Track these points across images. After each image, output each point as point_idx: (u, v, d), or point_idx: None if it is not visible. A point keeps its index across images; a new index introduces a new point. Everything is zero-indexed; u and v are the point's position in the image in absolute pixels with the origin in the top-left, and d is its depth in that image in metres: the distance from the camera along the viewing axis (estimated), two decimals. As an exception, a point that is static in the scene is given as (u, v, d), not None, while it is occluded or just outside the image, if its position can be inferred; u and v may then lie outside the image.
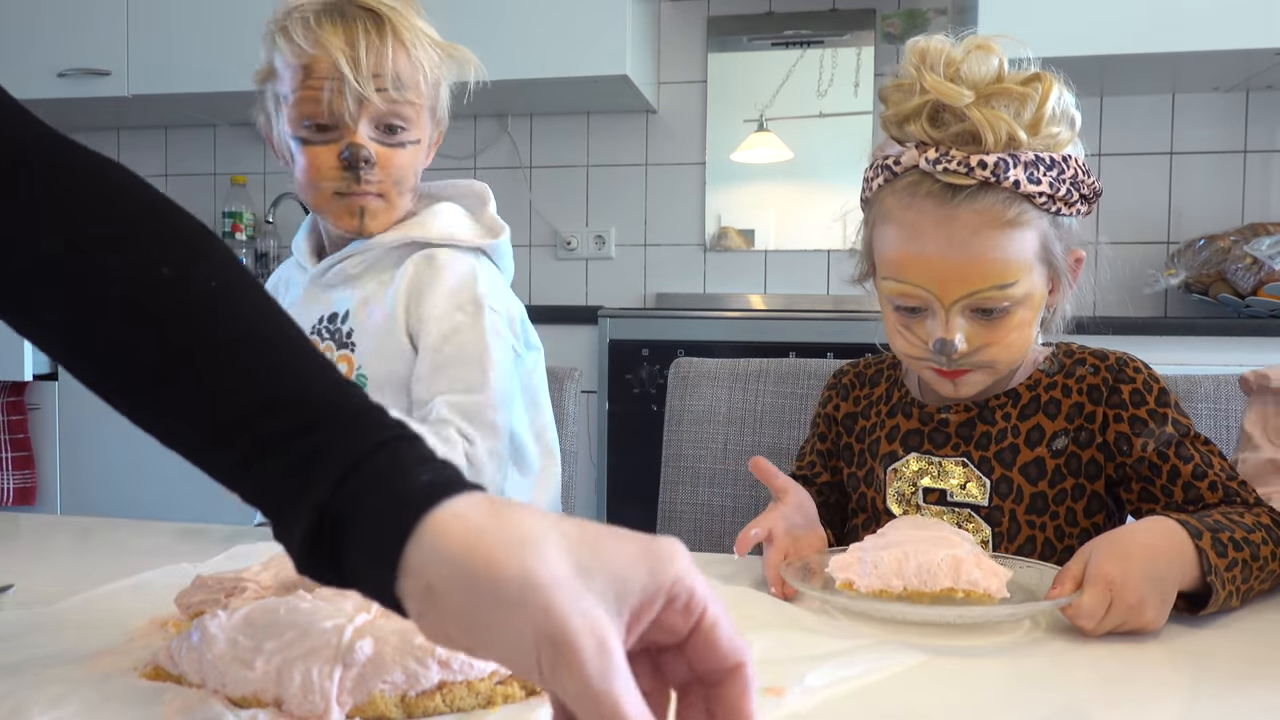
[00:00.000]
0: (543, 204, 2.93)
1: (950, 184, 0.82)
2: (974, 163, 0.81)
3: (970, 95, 0.81)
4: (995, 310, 0.85)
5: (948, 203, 0.82)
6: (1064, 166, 0.84)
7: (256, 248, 3.07)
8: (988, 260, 0.83)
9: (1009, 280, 0.84)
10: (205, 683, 0.52)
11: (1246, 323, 2.07)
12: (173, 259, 0.49)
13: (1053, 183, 0.83)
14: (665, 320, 2.28)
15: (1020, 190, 0.82)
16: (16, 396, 2.49)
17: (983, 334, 0.86)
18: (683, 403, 1.27)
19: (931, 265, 0.84)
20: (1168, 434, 0.86)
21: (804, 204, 2.80)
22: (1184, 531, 0.71)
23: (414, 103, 1.06)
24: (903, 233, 0.85)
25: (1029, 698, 0.57)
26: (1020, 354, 0.89)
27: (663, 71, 2.86)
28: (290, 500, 0.43)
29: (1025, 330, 0.87)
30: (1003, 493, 0.90)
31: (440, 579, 0.38)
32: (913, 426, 0.95)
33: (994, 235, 0.82)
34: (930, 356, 0.87)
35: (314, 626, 0.52)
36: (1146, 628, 0.67)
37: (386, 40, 1.02)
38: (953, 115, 0.82)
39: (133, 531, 0.98)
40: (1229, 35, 2.16)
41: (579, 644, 0.36)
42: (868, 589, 0.70)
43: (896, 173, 0.86)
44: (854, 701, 0.54)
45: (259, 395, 0.45)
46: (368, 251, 1.10)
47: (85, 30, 2.75)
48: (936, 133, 0.83)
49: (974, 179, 0.81)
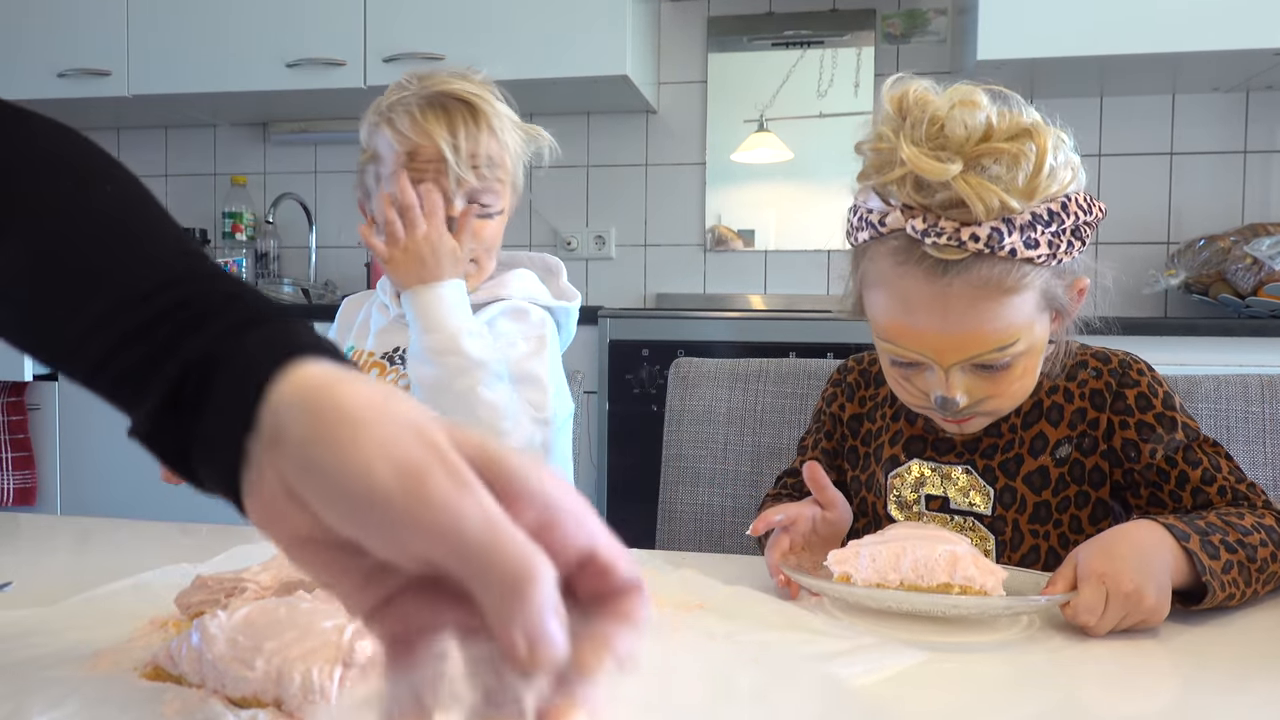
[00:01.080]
0: (543, 204, 2.93)
1: (941, 258, 0.76)
2: (965, 236, 0.75)
3: (956, 167, 0.74)
4: (997, 366, 0.82)
5: (940, 277, 0.77)
6: (1064, 216, 0.77)
7: (257, 248, 3.07)
8: (986, 331, 0.79)
9: (1009, 342, 0.80)
10: (205, 683, 0.52)
11: (1247, 323, 2.06)
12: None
13: (1052, 239, 0.77)
14: (665, 320, 2.28)
15: (1018, 257, 0.76)
16: (16, 397, 2.49)
17: (985, 387, 0.83)
18: (683, 403, 1.27)
19: (926, 338, 0.81)
20: (1176, 440, 0.85)
21: (804, 204, 2.80)
22: (1169, 535, 0.71)
23: (501, 180, 1.20)
24: (894, 303, 0.81)
25: (1029, 697, 0.57)
26: (1025, 396, 0.88)
27: (663, 72, 2.86)
28: (151, 363, 0.40)
29: (1029, 377, 0.85)
30: (1006, 502, 0.89)
31: (288, 418, 0.35)
32: (916, 432, 0.94)
33: (992, 306, 0.78)
34: (931, 409, 0.86)
35: (314, 626, 0.52)
36: (1150, 618, 0.67)
37: (481, 128, 1.16)
38: (938, 185, 0.75)
39: (133, 531, 0.98)
40: (1229, 35, 2.16)
41: (434, 469, 0.33)
42: (864, 582, 0.70)
43: (883, 233, 0.80)
44: (854, 702, 0.54)
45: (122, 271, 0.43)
46: None
47: (85, 30, 2.75)
48: (923, 199, 0.76)
49: (966, 252, 0.75)
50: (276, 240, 3.09)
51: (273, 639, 0.51)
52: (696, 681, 0.55)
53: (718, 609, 0.69)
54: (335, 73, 2.62)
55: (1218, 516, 0.76)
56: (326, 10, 2.62)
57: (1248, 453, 1.09)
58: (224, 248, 3.06)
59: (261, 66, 2.66)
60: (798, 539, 0.82)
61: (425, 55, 2.53)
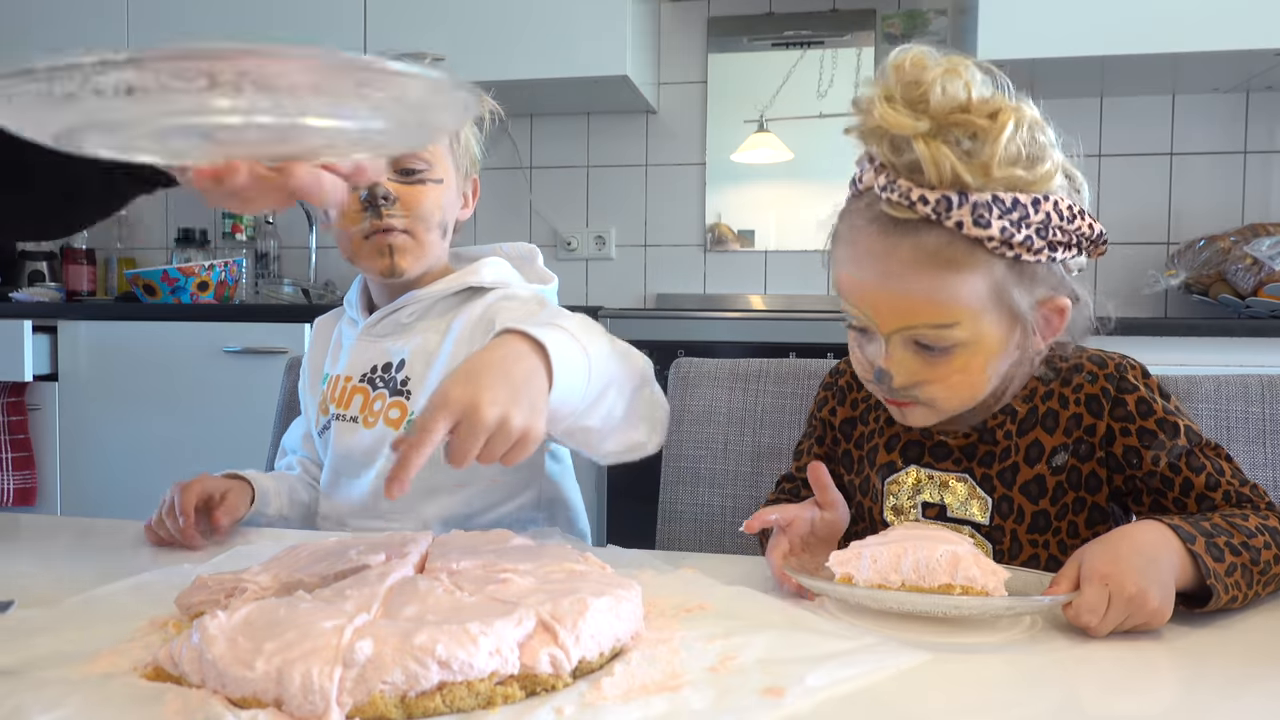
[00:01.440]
0: (543, 204, 2.93)
1: (893, 216, 0.77)
2: (915, 197, 0.76)
3: (924, 125, 0.75)
4: (936, 348, 0.80)
5: (890, 233, 0.78)
6: (1030, 210, 0.76)
7: (257, 248, 3.07)
8: (922, 298, 0.78)
9: (947, 321, 0.79)
10: (205, 683, 0.52)
11: (1247, 323, 2.06)
12: None
13: (1007, 227, 0.75)
14: (665, 321, 2.28)
15: (964, 232, 0.75)
16: (17, 397, 2.49)
17: (923, 370, 0.82)
18: (683, 403, 1.27)
19: (868, 294, 0.81)
20: (1179, 446, 0.84)
21: (804, 204, 2.80)
22: (1175, 536, 0.70)
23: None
24: (847, 256, 0.83)
25: (1030, 697, 0.57)
26: (968, 397, 0.84)
27: (663, 72, 2.86)
28: None
29: (972, 375, 0.82)
30: (1004, 512, 0.88)
31: None
32: (913, 438, 0.93)
33: (931, 274, 0.77)
34: (872, 383, 0.86)
35: (314, 627, 0.52)
36: (1153, 620, 0.66)
37: None
38: (906, 145, 0.76)
39: (133, 532, 0.98)
40: (1229, 36, 2.16)
41: None
42: (866, 583, 0.70)
43: (860, 191, 0.82)
44: (854, 702, 0.54)
45: None
46: (419, 302, 1.14)
47: (85, 31, 2.75)
48: (895, 157, 0.78)
49: (915, 214, 0.76)
50: (276, 240, 3.09)
51: (273, 639, 0.51)
52: (701, 682, 0.55)
53: (718, 609, 0.69)
54: (335, 73, 2.62)
55: (1222, 518, 0.76)
56: (326, 11, 2.62)
57: (1248, 453, 1.09)
58: (224, 248, 3.06)
59: (261, 67, 2.66)
60: (796, 540, 0.82)
61: (425, 56, 2.53)
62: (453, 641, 0.51)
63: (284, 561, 0.71)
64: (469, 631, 0.52)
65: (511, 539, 0.77)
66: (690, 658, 0.58)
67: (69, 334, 2.50)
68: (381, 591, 0.61)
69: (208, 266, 2.63)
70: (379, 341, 1.15)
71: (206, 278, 2.62)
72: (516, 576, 0.63)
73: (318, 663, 0.49)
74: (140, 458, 2.45)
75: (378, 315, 1.16)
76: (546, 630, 0.54)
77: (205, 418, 2.43)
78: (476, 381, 0.69)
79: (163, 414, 2.46)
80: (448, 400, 0.67)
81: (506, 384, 0.70)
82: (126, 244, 3.20)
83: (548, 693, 0.53)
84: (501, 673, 0.52)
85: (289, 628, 0.52)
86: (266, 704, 0.49)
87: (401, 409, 1.11)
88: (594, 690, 0.53)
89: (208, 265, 2.63)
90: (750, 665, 0.57)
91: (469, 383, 0.68)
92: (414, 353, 1.12)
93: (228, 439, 2.41)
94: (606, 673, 0.55)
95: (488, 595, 0.60)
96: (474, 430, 0.67)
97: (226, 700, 0.50)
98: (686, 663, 0.57)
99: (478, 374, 0.69)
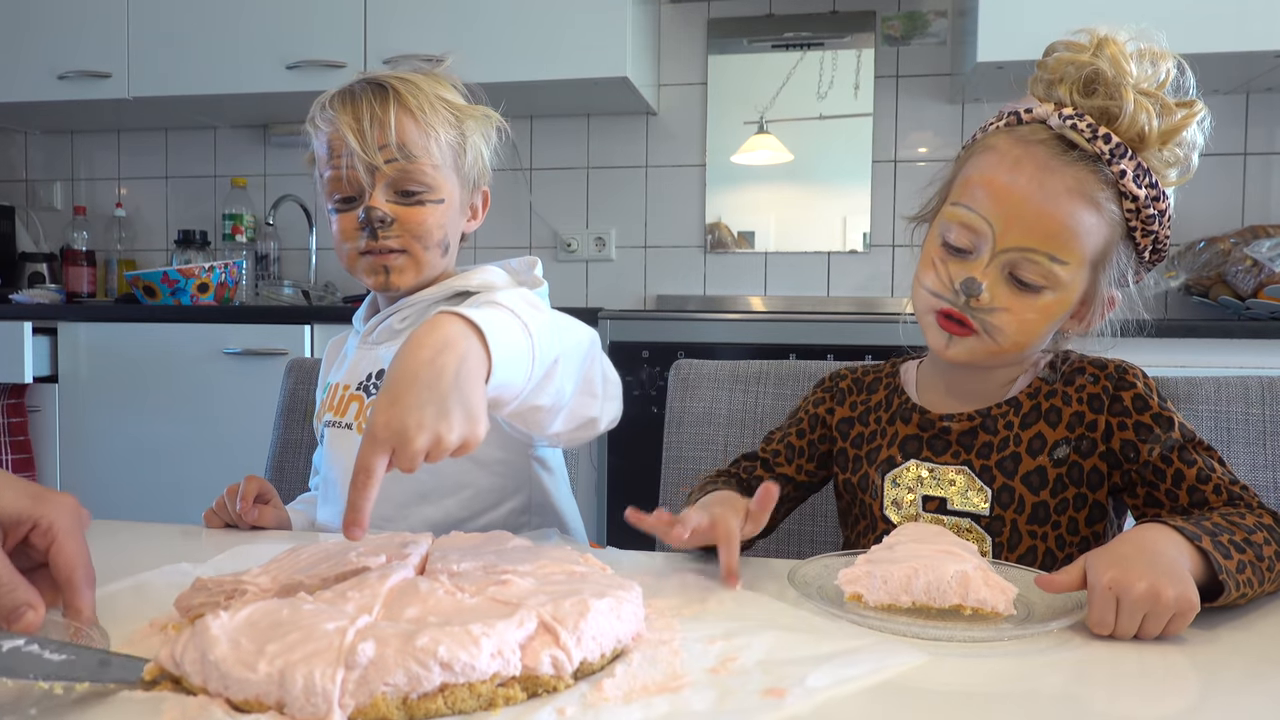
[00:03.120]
0: (543, 206, 2.93)
1: (1071, 142, 0.84)
2: (1102, 132, 0.83)
3: (1132, 79, 0.84)
4: (1031, 285, 0.85)
5: (1061, 156, 0.84)
6: (1161, 197, 0.85)
7: (257, 250, 3.07)
8: (1060, 223, 0.83)
9: (1063, 257, 0.84)
10: (207, 683, 0.51)
11: (1247, 325, 2.06)
12: None
13: (1147, 199, 0.84)
14: (665, 322, 2.28)
15: (1122, 183, 0.83)
16: (17, 399, 2.49)
17: (1007, 299, 0.85)
18: (683, 404, 1.27)
19: (1012, 199, 0.84)
20: (1172, 439, 0.86)
21: (804, 206, 2.80)
22: (1180, 536, 0.71)
23: (427, 165, 1.09)
24: (1004, 162, 0.86)
25: (1032, 697, 0.57)
26: (1026, 341, 0.88)
27: (663, 73, 2.86)
28: None
29: (1045, 317, 0.86)
30: (1004, 502, 0.90)
31: None
32: (911, 432, 0.95)
33: (1081, 206, 0.83)
34: (947, 296, 0.87)
35: (316, 628, 0.52)
36: (1180, 609, 0.64)
37: (389, 110, 1.07)
38: (1105, 91, 0.84)
39: (133, 532, 0.98)
40: (1229, 38, 2.16)
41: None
42: (876, 603, 0.70)
43: (1023, 120, 0.87)
44: (855, 703, 0.54)
45: None
46: (411, 307, 1.14)
47: (85, 32, 2.75)
48: (1084, 99, 0.85)
49: (1094, 148, 0.83)
50: (277, 242, 3.09)
51: (275, 641, 0.51)
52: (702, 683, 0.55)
53: (718, 610, 0.69)
54: (335, 74, 2.62)
55: (1221, 517, 0.76)
56: (326, 12, 2.62)
57: (1248, 454, 1.09)
58: (224, 249, 3.06)
59: (261, 68, 2.66)
60: (694, 538, 0.79)
61: (425, 57, 2.52)
62: (455, 643, 0.51)
63: (284, 563, 0.71)
64: (471, 633, 0.52)
65: (511, 540, 0.77)
66: (691, 659, 0.58)
67: (69, 336, 2.50)
68: (383, 592, 0.61)
69: (208, 268, 2.63)
70: (373, 349, 1.16)
71: (206, 279, 2.62)
72: (517, 578, 0.63)
73: (320, 665, 0.49)
74: (140, 459, 2.45)
75: (373, 323, 1.17)
76: (548, 631, 0.54)
77: (205, 419, 2.43)
78: (401, 402, 0.65)
79: (163, 415, 2.46)
80: (375, 434, 0.65)
81: (433, 397, 0.66)
82: (126, 246, 3.21)
83: (549, 694, 0.53)
84: (503, 674, 0.52)
85: (291, 629, 0.52)
86: (269, 706, 0.49)
87: None
88: (595, 691, 0.53)
89: (208, 267, 2.63)
90: (751, 666, 0.57)
91: (393, 405, 0.65)
92: None
93: (228, 441, 2.41)
94: (608, 674, 0.55)
95: (489, 597, 0.60)
96: (408, 458, 0.65)
97: (227, 704, 0.50)
98: (687, 664, 0.57)
99: (401, 392, 0.66)
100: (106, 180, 3.25)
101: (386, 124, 1.06)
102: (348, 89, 1.10)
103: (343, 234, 1.11)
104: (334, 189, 1.10)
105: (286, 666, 0.49)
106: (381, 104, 1.07)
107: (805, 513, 1.21)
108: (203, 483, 2.06)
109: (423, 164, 1.09)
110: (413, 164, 1.08)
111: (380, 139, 1.06)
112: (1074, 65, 0.86)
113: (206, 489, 1.09)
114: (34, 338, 2.44)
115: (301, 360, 1.47)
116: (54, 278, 3.12)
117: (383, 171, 1.07)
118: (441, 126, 1.10)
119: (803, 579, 0.75)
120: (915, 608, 0.70)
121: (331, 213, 1.13)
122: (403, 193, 1.09)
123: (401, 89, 1.09)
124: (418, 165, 1.09)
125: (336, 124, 1.07)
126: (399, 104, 1.08)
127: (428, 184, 1.10)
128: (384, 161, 1.07)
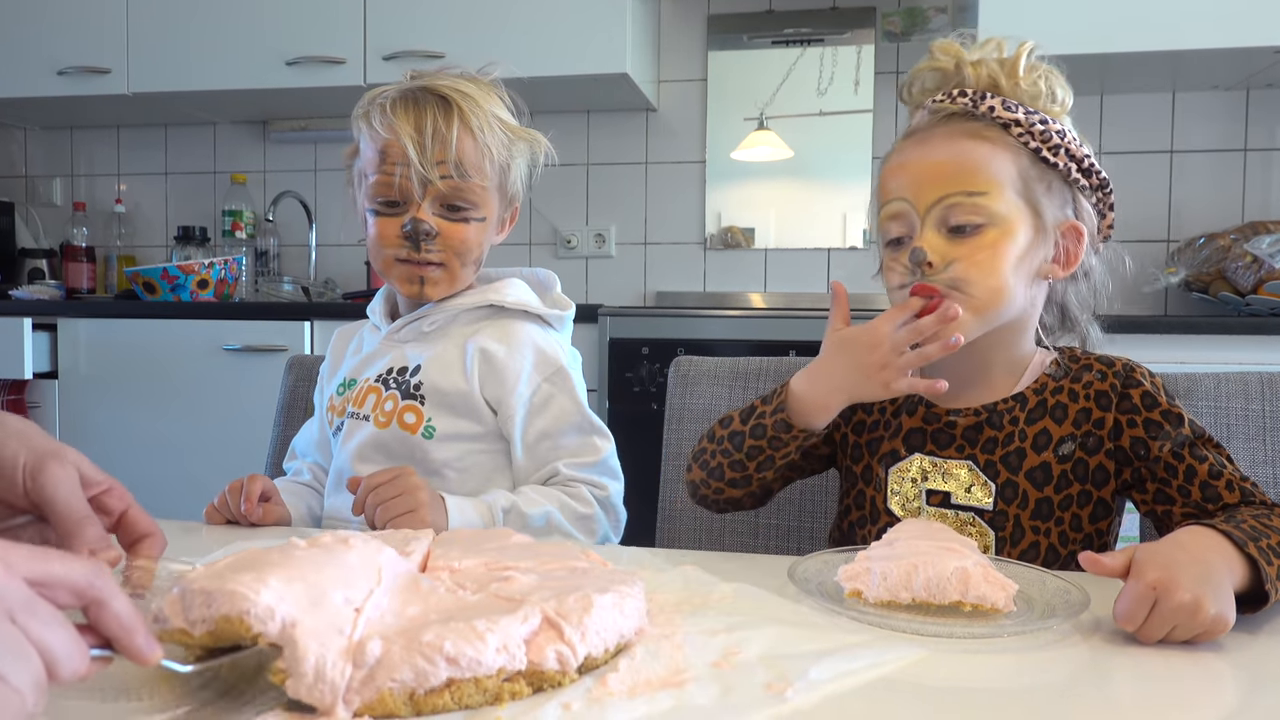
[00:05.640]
0: (543, 202, 2.93)
1: (937, 111, 0.92)
2: (955, 93, 0.92)
3: (970, 56, 0.93)
4: (967, 227, 0.87)
5: (935, 124, 0.92)
6: (1049, 121, 0.90)
7: (257, 246, 3.08)
8: (957, 162, 0.88)
9: (979, 189, 0.87)
10: (187, 612, 0.51)
11: (1247, 321, 2.07)
12: None
13: (1028, 116, 0.89)
14: (665, 319, 2.28)
15: (995, 115, 0.89)
16: (17, 395, 2.49)
17: (953, 249, 0.87)
18: (683, 401, 1.27)
19: (913, 167, 0.90)
20: (1183, 435, 0.86)
21: (804, 202, 2.80)
22: (1228, 541, 0.69)
23: (478, 184, 1.11)
24: (898, 153, 0.94)
25: (1031, 692, 0.57)
26: (997, 283, 0.87)
27: (663, 70, 2.86)
28: None
29: (998, 254, 0.87)
30: (1008, 497, 0.90)
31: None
32: (916, 425, 0.95)
33: (965, 143, 0.89)
34: (907, 280, 0.89)
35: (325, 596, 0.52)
36: (1214, 628, 0.63)
37: (453, 127, 1.08)
38: (957, 85, 0.93)
39: (135, 530, 0.98)
40: (1229, 33, 2.16)
41: None
42: (876, 599, 0.70)
43: (910, 134, 0.94)
44: (857, 696, 0.54)
45: None
46: (443, 312, 1.16)
47: (85, 28, 2.75)
48: (943, 85, 0.94)
49: (956, 106, 0.91)
50: (276, 238, 3.09)
51: (277, 577, 0.51)
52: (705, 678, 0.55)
53: (720, 605, 0.69)
54: (335, 71, 2.62)
55: (1254, 519, 0.75)
56: (326, 8, 2.62)
57: (1248, 450, 1.09)
58: (224, 246, 3.06)
59: (261, 64, 2.66)
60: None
61: (425, 53, 2.53)
62: (460, 639, 0.51)
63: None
64: (476, 629, 0.52)
65: (512, 536, 0.77)
66: (694, 653, 0.58)
67: (69, 332, 2.50)
68: (383, 563, 0.60)
69: (208, 264, 2.63)
70: (399, 346, 1.17)
71: (206, 275, 2.62)
72: (519, 574, 0.63)
73: (331, 651, 0.49)
74: (140, 455, 2.46)
75: (401, 321, 1.18)
76: (552, 627, 0.55)
77: (205, 415, 2.44)
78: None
79: (162, 412, 2.46)
80: None
81: None
82: (126, 242, 3.21)
83: (554, 689, 0.53)
84: (509, 669, 0.52)
85: (293, 574, 0.52)
86: (255, 632, 0.49)
87: (417, 414, 1.12)
88: (600, 686, 0.53)
89: (208, 263, 2.63)
90: (753, 660, 0.58)
91: None
92: (430, 361, 1.14)
93: (227, 437, 2.41)
94: (612, 668, 0.55)
95: (491, 593, 0.60)
96: None
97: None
98: (690, 658, 0.58)
99: None
100: (106, 176, 3.25)
101: (448, 141, 1.07)
102: (410, 95, 1.10)
103: (382, 239, 1.12)
104: (380, 193, 1.10)
105: (295, 621, 0.49)
106: (445, 118, 1.08)
107: (805, 509, 1.21)
108: (203, 479, 2.06)
109: (474, 183, 1.11)
110: (465, 182, 1.10)
111: (440, 154, 1.07)
112: (930, 73, 0.95)
113: (207, 485, 1.09)
114: (34, 334, 2.44)
115: (301, 357, 1.47)
116: (54, 274, 3.12)
117: (435, 186, 1.09)
118: (496, 147, 1.12)
119: (803, 575, 0.75)
120: (915, 604, 0.70)
121: (370, 214, 1.13)
122: (449, 207, 1.11)
123: (464, 105, 1.09)
124: (470, 184, 1.10)
125: (397, 131, 1.07)
126: (461, 121, 1.09)
127: (474, 201, 1.12)
128: (439, 177, 1.08)
